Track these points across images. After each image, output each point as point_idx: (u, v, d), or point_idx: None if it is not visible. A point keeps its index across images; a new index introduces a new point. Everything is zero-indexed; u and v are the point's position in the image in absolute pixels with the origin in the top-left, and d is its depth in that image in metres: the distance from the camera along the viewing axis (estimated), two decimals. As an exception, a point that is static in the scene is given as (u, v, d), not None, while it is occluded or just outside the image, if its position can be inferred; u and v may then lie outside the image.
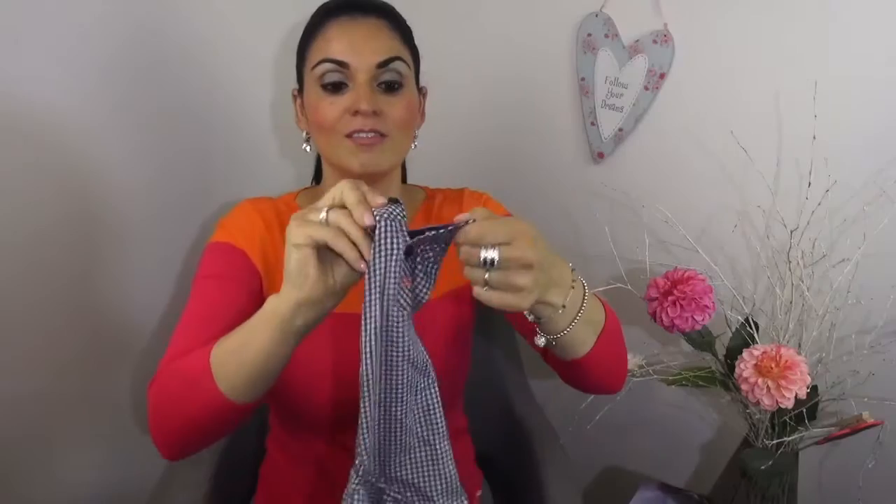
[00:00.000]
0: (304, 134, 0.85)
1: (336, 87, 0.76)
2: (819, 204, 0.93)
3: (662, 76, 1.01)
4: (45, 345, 0.96)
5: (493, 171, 1.21)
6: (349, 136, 0.76)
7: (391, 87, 0.77)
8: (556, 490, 0.94)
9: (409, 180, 1.00)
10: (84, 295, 0.98)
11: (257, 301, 0.79)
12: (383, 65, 0.76)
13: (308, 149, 0.85)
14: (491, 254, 0.54)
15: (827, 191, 0.92)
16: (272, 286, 0.81)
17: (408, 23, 0.83)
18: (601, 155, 1.10)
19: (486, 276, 0.54)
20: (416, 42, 0.84)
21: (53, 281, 0.94)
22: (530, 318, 0.64)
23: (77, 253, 0.96)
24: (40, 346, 0.95)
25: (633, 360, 1.04)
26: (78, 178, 0.93)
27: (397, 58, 0.77)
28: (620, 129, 1.07)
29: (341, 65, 0.75)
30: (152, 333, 1.07)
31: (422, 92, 0.87)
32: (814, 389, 0.94)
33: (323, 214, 0.54)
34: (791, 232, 0.94)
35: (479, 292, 0.55)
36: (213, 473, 0.92)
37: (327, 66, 0.76)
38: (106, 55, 0.92)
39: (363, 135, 0.76)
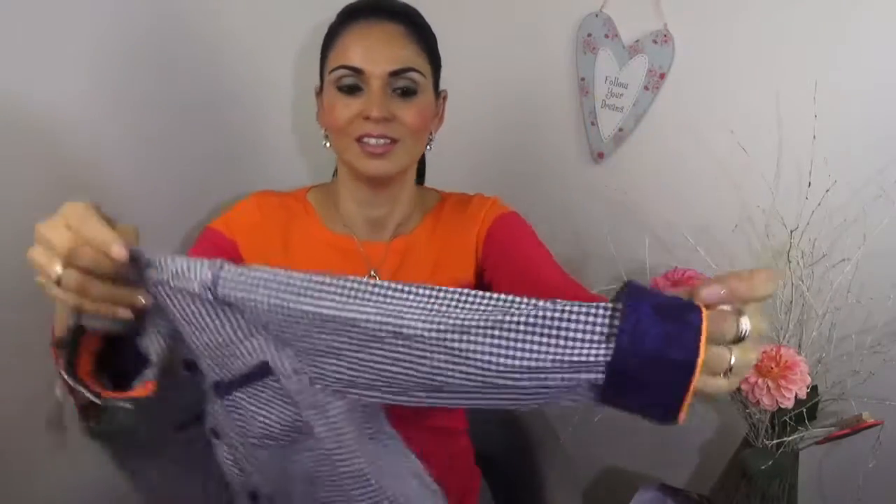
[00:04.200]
0: (324, 130, 0.86)
1: (351, 90, 0.78)
2: (819, 204, 0.93)
3: (662, 76, 1.01)
4: (43, 344, 0.96)
5: (492, 171, 1.21)
6: (359, 139, 0.78)
7: (405, 93, 0.79)
8: (556, 490, 0.94)
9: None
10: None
11: None
12: (396, 73, 0.77)
13: (328, 145, 0.86)
14: (746, 323, 0.39)
15: (827, 191, 0.92)
16: None
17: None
18: (601, 155, 1.10)
19: (732, 358, 0.39)
20: None
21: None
22: None
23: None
24: (39, 346, 0.95)
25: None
26: (89, 174, 0.93)
27: (411, 69, 0.78)
28: (620, 129, 1.07)
29: (356, 71, 0.77)
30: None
31: (441, 95, 0.88)
32: (814, 389, 0.94)
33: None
34: (791, 232, 0.94)
35: (721, 384, 0.39)
36: (213, 473, 0.92)
37: (343, 72, 0.78)
38: (125, 51, 0.91)
39: (373, 141, 0.78)
